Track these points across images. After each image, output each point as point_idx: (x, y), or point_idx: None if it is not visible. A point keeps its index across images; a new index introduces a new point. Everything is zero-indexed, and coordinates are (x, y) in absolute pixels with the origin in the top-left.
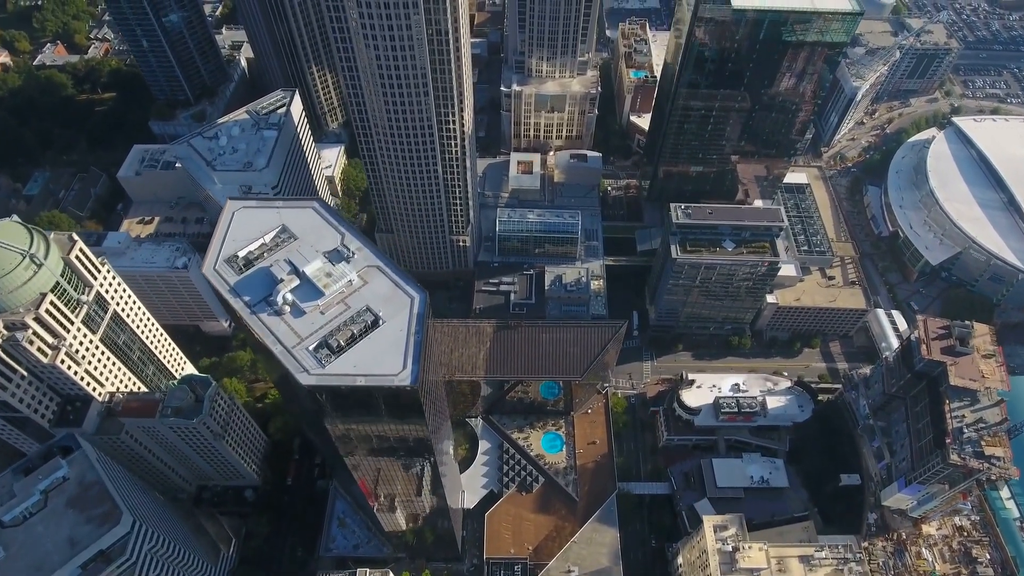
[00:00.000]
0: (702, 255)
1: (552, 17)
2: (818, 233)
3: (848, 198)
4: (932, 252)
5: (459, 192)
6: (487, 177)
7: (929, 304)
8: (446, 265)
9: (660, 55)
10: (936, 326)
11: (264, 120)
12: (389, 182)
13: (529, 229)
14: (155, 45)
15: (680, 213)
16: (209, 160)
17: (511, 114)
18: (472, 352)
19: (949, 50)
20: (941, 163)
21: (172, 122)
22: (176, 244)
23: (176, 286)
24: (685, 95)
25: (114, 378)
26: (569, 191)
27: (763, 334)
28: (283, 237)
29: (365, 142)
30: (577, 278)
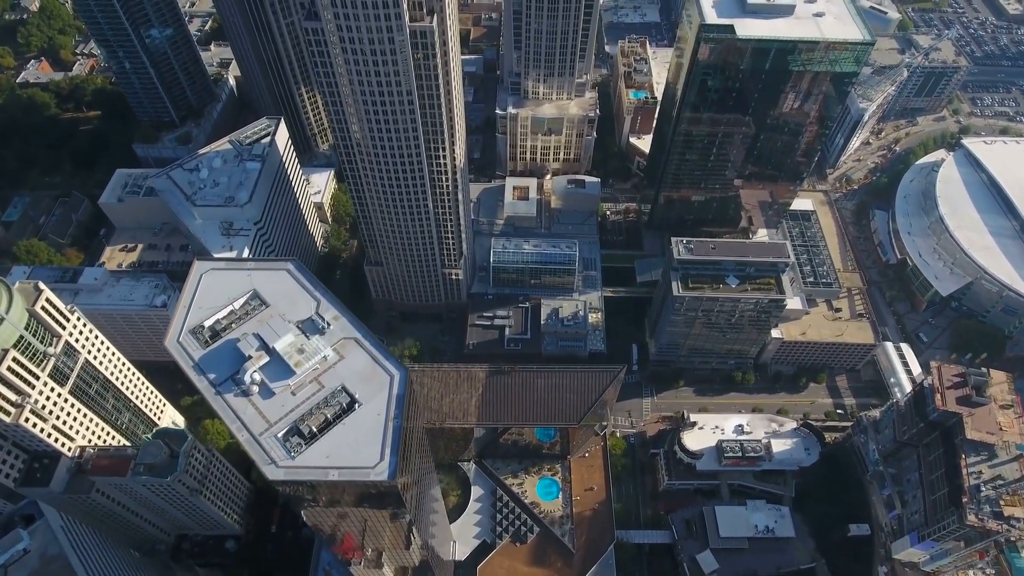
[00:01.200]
0: (704, 292)
1: (549, 34)
2: (824, 264)
3: (854, 222)
4: (942, 282)
5: (451, 226)
6: (481, 203)
7: (938, 335)
8: (438, 298)
9: (660, 73)
10: (951, 373)
11: (247, 151)
12: (377, 217)
13: (525, 260)
14: (137, 66)
15: (682, 248)
16: (189, 194)
17: (507, 137)
18: (464, 398)
19: (958, 68)
20: (951, 188)
21: (156, 145)
22: (155, 280)
23: (155, 324)
24: (688, 121)
25: (85, 430)
26: (566, 217)
27: (767, 368)
28: (253, 304)
29: (352, 176)
30: (574, 311)
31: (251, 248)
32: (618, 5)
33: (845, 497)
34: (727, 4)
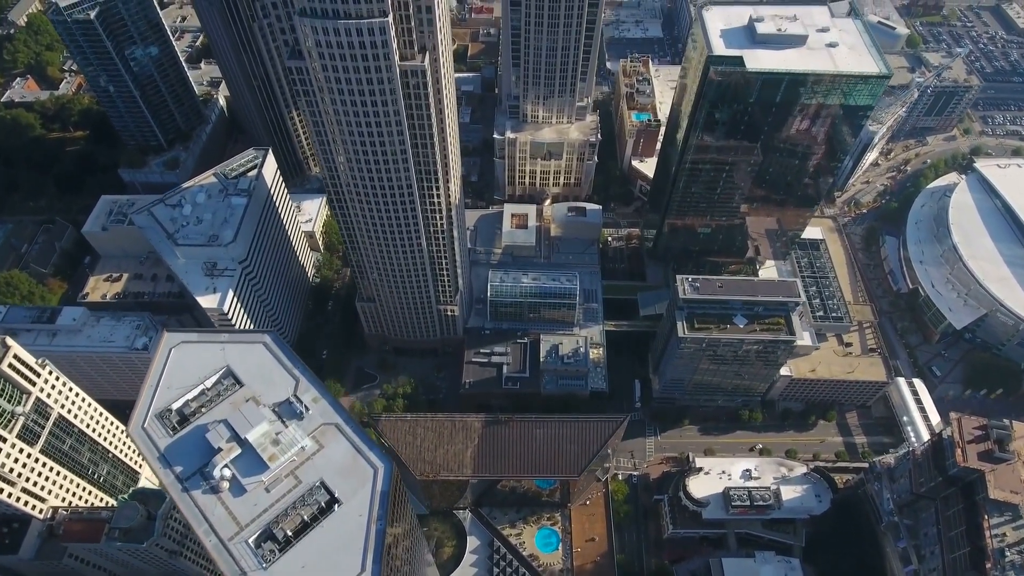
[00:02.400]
0: (711, 332)
1: (549, 51)
2: (834, 296)
3: (864, 248)
4: (956, 314)
5: (446, 262)
6: (478, 231)
7: (952, 369)
8: (433, 333)
9: (663, 93)
10: (972, 426)
11: (233, 185)
12: (368, 254)
13: (523, 294)
14: (122, 90)
15: (687, 287)
16: (171, 232)
17: (505, 161)
18: (458, 448)
19: (969, 87)
20: (964, 215)
21: (143, 170)
22: (137, 320)
23: (137, 367)
24: (694, 150)
25: (59, 488)
26: (567, 246)
27: (775, 405)
28: (227, 383)
29: (341, 213)
30: (575, 348)
31: (235, 290)
32: (620, 20)
33: (858, 548)
34: (736, 34)
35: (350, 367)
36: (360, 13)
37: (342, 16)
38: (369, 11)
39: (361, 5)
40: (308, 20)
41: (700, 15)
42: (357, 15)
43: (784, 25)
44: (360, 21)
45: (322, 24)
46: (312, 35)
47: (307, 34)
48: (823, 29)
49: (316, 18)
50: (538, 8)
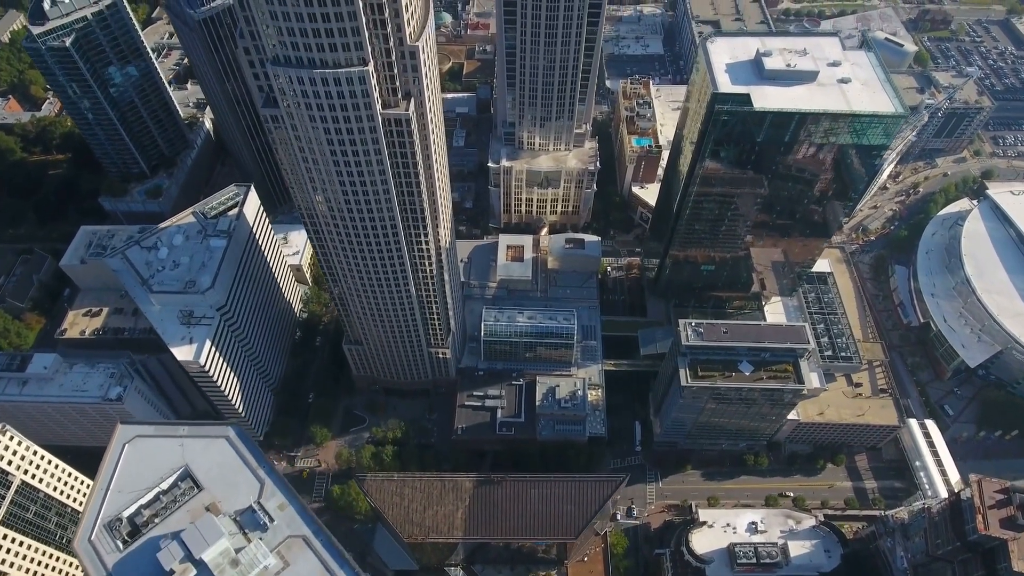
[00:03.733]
0: (715, 381)
1: (546, 70)
2: (843, 334)
3: (872, 278)
4: (969, 351)
5: (436, 307)
6: (472, 263)
7: (964, 407)
8: (425, 375)
9: (665, 114)
10: (993, 489)
11: (212, 225)
12: (353, 300)
13: (519, 333)
14: (101, 117)
15: (690, 332)
16: (146, 278)
17: (500, 190)
18: (449, 510)
19: (980, 108)
20: (976, 245)
21: (124, 199)
22: (112, 367)
23: (112, 417)
24: (699, 184)
25: (22, 560)
26: (564, 279)
27: (782, 448)
28: (184, 487)
29: (323, 258)
30: (572, 391)
31: (213, 339)
32: (620, 36)
33: None
34: (742, 68)
35: (338, 409)
36: (338, 62)
37: (319, 65)
38: (348, 60)
39: (339, 54)
40: (282, 69)
41: (704, 47)
42: (335, 64)
43: (793, 60)
44: (338, 71)
45: (297, 74)
46: (287, 85)
47: (282, 83)
48: (834, 63)
49: (291, 67)
50: (534, 25)
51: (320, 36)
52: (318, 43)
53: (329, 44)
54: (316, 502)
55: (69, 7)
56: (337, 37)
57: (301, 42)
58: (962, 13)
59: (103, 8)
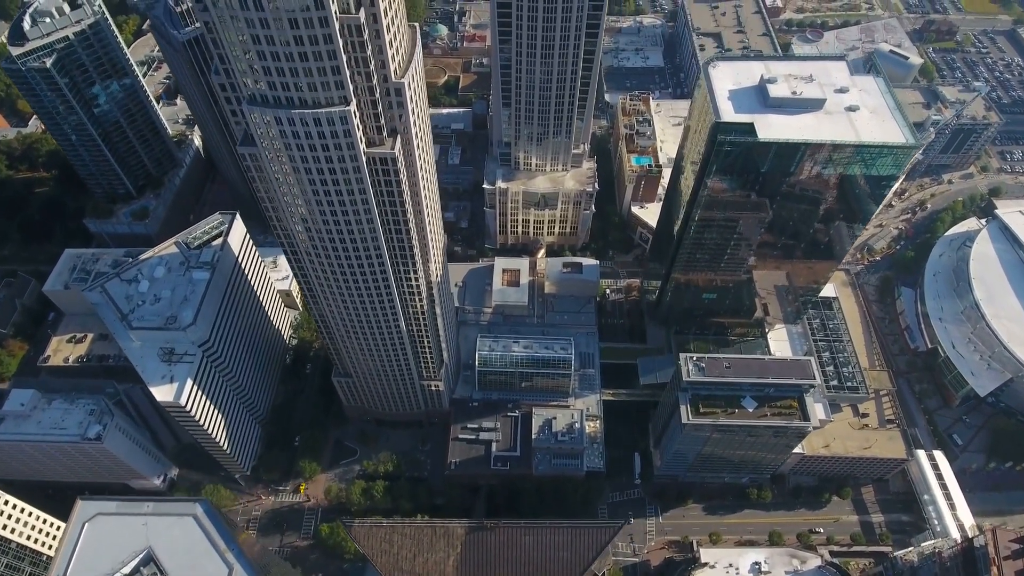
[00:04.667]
0: (718, 417)
1: (543, 85)
2: (849, 363)
3: (878, 300)
4: (978, 379)
5: (428, 342)
6: (467, 287)
7: (973, 436)
8: (417, 407)
9: (665, 130)
10: (1007, 539)
11: (195, 256)
12: (341, 336)
13: (514, 363)
14: (85, 138)
15: (692, 367)
16: (125, 312)
17: (496, 211)
18: (439, 557)
19: (988, 124)
20: (986, 268)
21: (110, 220)
22: (92, 404)
23: (92, 455)
24: (702, 210)
25: None
26: (562, 304)
27: (786, 480)
28: (146, 573)
29: (309, 294)
30: (569, 423)
31: (195, 377)
32: (619, 47)
33: None
34: (746, 95)
35: (328, 440)
36: (318, 101)
37: (297, 105)
38: (328, 99)
39: (319, 93)
40: (258, 109)
41: (706, 72)
42: (315, 104)
43: (799, 87)
44: (318, 111)
45: (274, 114)
46: (264, 125)
47: (258, 123)
48: (842, 89)
49: (268, 107)
50: (531, 38)
51: (298, 75)
52: (296, 83)
53: (308, 84)
54: (305, 539)
55: (50, 27)
56: (316, 76)
57: (278, 81)
58: (968, 23)
59: (85, 28)
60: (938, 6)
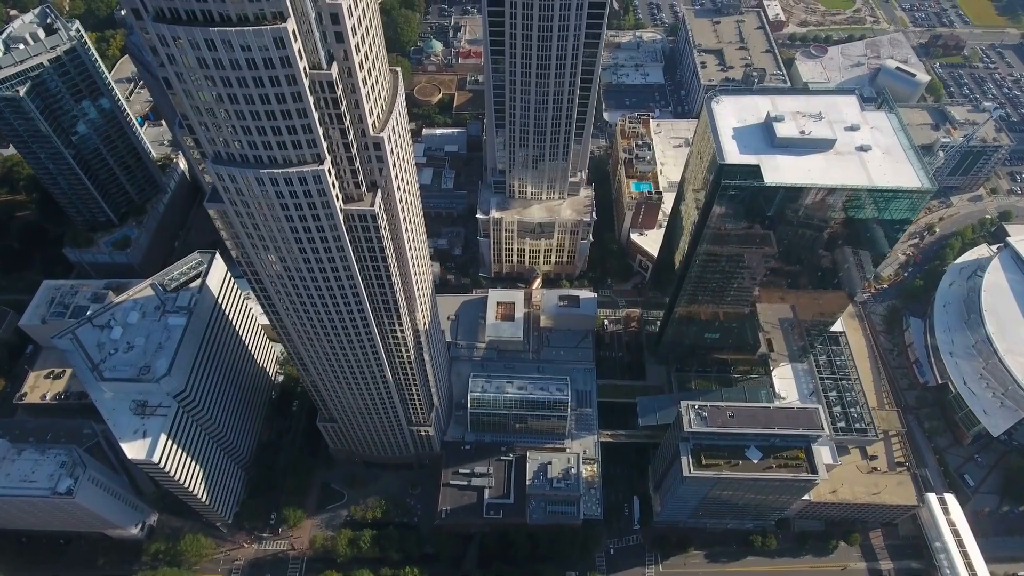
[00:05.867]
0: (720, 469)
1: (539, 104)
2: (858, 402)
3: (885, 331)
4: (991, 418)
5: (416, 390)
6: (460, 320)
7: (986, 477)
8: (406, 450)
9: (665, 152)
10: None
11: (172, 299)
12: (322, 383)
13: (508, 404)
14: (62, 166)
15: (693, 416)
16: (96, 362)
17: (490, 240)
18: None
19: (998, 146)
20: (998, 299)
21: (91, 250)
22: (64, 455)
23: (63, 509)
24: (703, 257)
25: None
26: (558, 339)
27: (791, 525)
28: None
29: (289, 345)
30: (566, 468)
31: (170, 431)
32: (618, 63)
33: None
34: (751, 134)
35: (314, 483)
36: (289, 160)
37: (266, 164)
38: (300, 158)
39: (290, 151)
40: (224, 168)
41: (709, 109)
42: (285, 162)
43: (808, 126)
44: (289, 170)
45: (241, 173)
46: (231, 183)
47: (225, 182)
48: (852, 127)
49: (234, 166)
50: (525, 55)
51: (266, 134)
52: (264, 141)
53: (277, 142)
54: None
55: (23, 54)
56: (286, 135)
57: (244, 140)
58: (975, 37)
59: (61, 54)
60: (944, 19)
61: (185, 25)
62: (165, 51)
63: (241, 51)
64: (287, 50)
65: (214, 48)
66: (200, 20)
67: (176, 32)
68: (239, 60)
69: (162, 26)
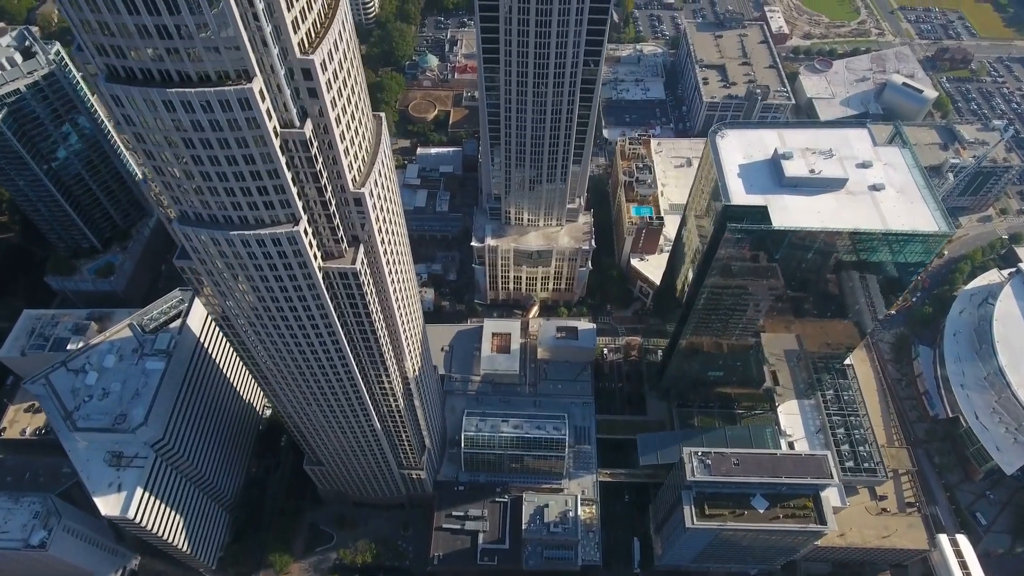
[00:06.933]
0: (725, 520)
1: (536, 121)
2: (866, 440)
3: (894, 359)
4: (1004, 455)
5: (406, 435)
6: (454, 352)
7: (998, 515)
8: (398, 492)
9: (666, 172)
10: None
11: (150, 342)
12: (306, 430)
13: (503, 444)
14: (42, 193)
15: (696, 464)
16: (70, 410)
17: (486, 268)
18: None
19: (1009, 167)
20: (1010, 329)
21: (73, 278)
22: (38, 504)
23: (38, 561)
24: (707, 299)
25: None
26: (556, 371)
27: (798, 568)
28: None
29: (268, 391)
30: (563, 511)
31: (147, 484)
32: (618, 78)
33: None
34: (758, 171)
35: (302, 523)
36: (262, 220)
37: (237, 225)
38: (273, 218)
39: (261, 212)
40: (191, 230)
41: (713, 144)
42: (258, 223)
43: (818, 165)
44: (261, 232)
45: (210, 235)
46: (199, 244)
47: (192, 243)
48: (864, 164)
49: (202, 227)
50: (521, 70)
51: (235, 195)
52: (233, 202)
53: (248, 203)
54: None
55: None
56: (257, 196)
57: (212, 201)
58: (982, 49)
59: (39, 79)
60: (951, 31)
61: (140, 86)
62: (120, 112)
63: (203, 112)
64: (254, 111)
65: (173, 109)
66: (157, 80)
67: (130, 93)
68: (201, 122)
69: (115, 86)
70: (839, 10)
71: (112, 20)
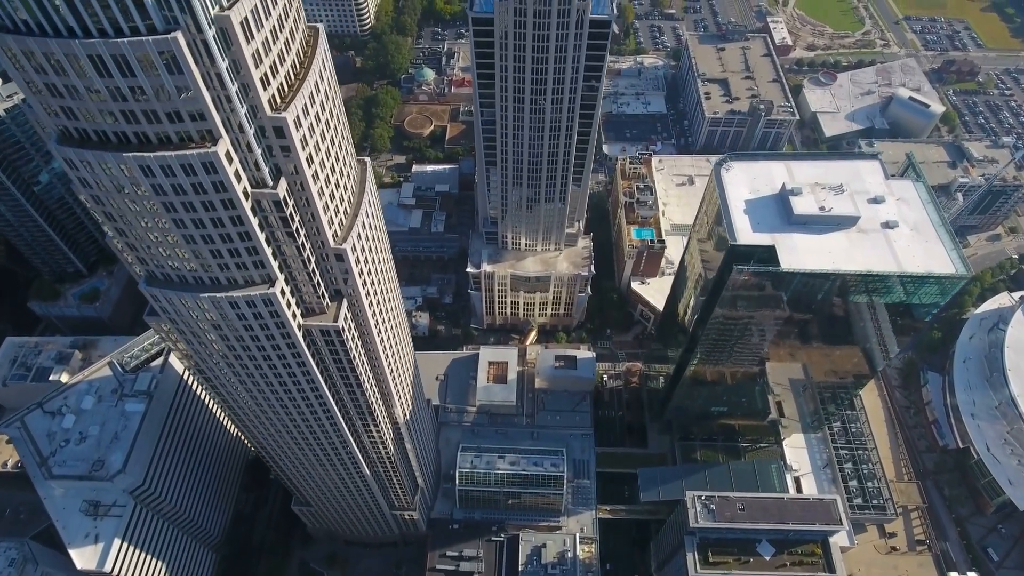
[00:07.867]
0: (730, 567)
1: (534, 139)
2: (875, 475)
3: (902, 386)
4: (1017, 489)
5: (397, 479)
6: (449, 381)
7: (1011, 550)
8: (390, 531)
9: (667, 190)
10: None
11: (130, 382)
12: (293, 474)
13: (499, 480)
14: (24, 219)
15: (700, 509)
16: (45, 455)
17: (482, 293)
18: None
19: (1019, 185)
20: (1022, 357)
21: (57, 303)
22: (13, 550)
23: None
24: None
25: None
26: (554, 401)
27: None
28: None
29: (251, 438)
30: (561, 552)
31: (125, 534)
32: (618, 92)
33: None
34: (765, 209)
35: (291, 562)
36: (235, 281)
37: (209, 287)
38: (247, 279)
39: (234, 272)
40: (159, 291)
41: (718, 177)
42: (231, 284)
43: (828, 201)
44: (234, 294)
45: (179, 297)
46: (169, 306)
47: (161, 304)
48: (876, 199)
49: (171, 289)
50: (518, 86)
51: (205, 257)
52: (203, 264)
53: (219, 264)
54: None
55: None
56: (228, 258)
57: (181, 264)
58: (989, 61)
59: (20, 102)
60: (957, 42)
61: (94, 149)
62: (76, 175)
63: (164, 176)
64: (220, 175)
65: (131, 174)
66: (113, 143)
67: (84, 156)
68: (162, 186)
69: (67, 149)
70: (843, 20)
71: (59, 81)
